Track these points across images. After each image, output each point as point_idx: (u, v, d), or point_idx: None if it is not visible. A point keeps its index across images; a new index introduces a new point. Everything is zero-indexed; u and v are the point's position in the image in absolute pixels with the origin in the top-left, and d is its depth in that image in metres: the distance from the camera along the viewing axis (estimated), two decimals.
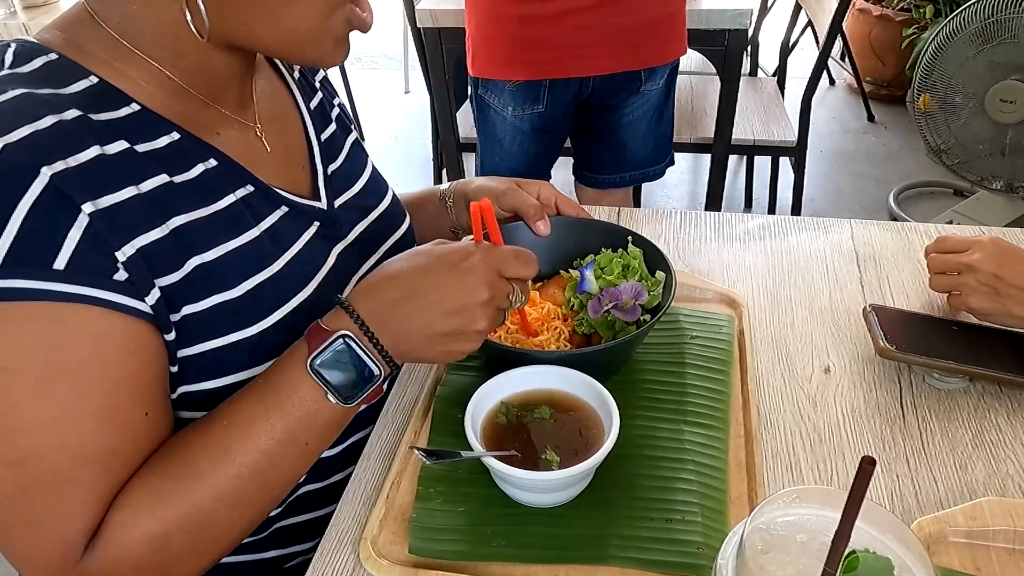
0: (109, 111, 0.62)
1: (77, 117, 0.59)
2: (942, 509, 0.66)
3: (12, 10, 2.20)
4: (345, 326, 0.62)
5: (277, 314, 0.68)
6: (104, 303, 0.57)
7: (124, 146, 0.61)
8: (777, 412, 0.78)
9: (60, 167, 0.56)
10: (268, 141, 0.75)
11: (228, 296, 0.65)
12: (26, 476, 0.56)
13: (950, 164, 2.17)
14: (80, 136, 0.59)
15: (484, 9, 1.58)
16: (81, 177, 0.57)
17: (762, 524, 0.49)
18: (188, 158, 0.66)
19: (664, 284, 0.82)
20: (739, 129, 2.18)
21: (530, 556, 0.64)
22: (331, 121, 0.86)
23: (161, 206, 0.62)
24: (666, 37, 1.64)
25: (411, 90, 3.88)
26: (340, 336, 0.62)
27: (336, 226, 0.78)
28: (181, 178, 0.65)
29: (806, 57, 3.41)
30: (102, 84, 0.63)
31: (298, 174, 0.78)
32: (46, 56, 0.62)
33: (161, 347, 0.62)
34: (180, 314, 0.63)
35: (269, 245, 0.70)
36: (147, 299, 0.60)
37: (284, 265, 0.70)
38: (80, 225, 0.56)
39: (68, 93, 0.61)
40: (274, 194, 0.72)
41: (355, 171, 0.85)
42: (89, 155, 0.59)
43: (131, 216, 0.60)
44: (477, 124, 1.77)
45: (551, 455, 0.66)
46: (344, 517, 0.69)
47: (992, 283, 0.81)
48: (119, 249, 0.58)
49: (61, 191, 0.56)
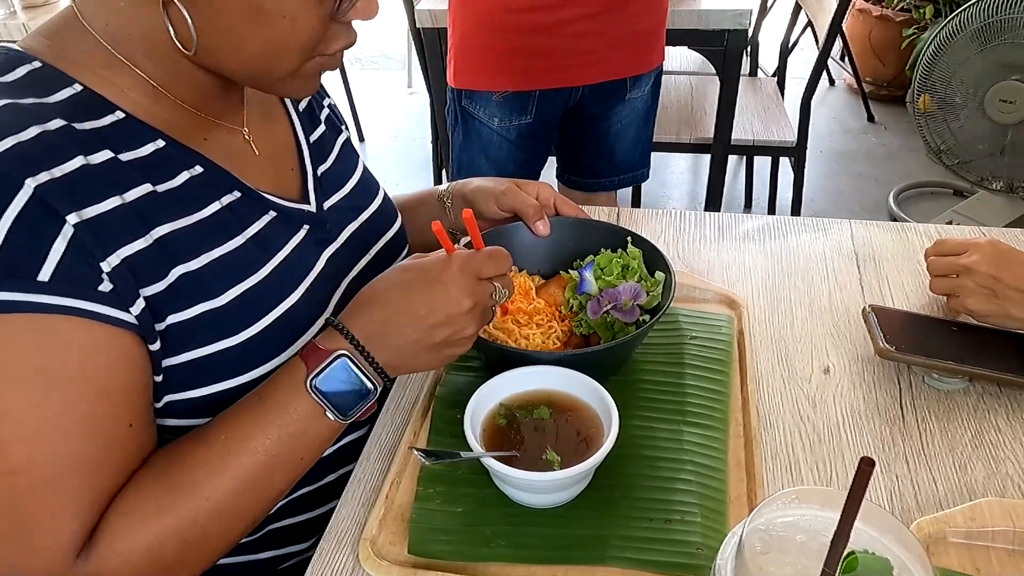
0: (93, 120, 0.62)
1: (61, 127, 0.59)
2: (941, 510, 0.66)
3: (12, 10, 2.20)
4: (341, 346, 0.64)
5: (263, 321, 0.68)
6: (89, 314, 0.57)
7: (108, 155, 0.61)
8: (776, 412, 0.78)
9: (44, 178, 0.56)
10: (257, 145, 0.75)
11: (213, 304, 0.65)
12: (16, 486, 0.56)
13: (950, 164, 2.17)
14: (64, 146, 0.59)
15: (475, 18, 1.55)
16: (65, 188, 0.57)
17: (761, 525, 0.49)
18: (173, 166, 0.66)
19: (663, 284, 0.82)
20: (739, 129, 2.18)
21: (529, 556, 0.64)
22: (320, 122, 0.86)
23: (144, 216, 0.62)
24: (653, 45, 1.65)
25: (415, 89, 3.87)
26: (339, 356, 0.63)
27: (326, 228, 0.78)
28: (165, 187, 0.65)
29: (806, 57, 3.42)
30: (86, 92, 0.63)
31: (287, 177, 0.78)
32: (29, 65, 0.62)
33: (146, 358, 0.62)
34: (165, 323, 0.63)
35: (255, 252, 0.69)
36: (132, 309, 0.60)
37: (270, 272, 0.70)
38: (65, 236, 0.56)
39: (52, 102, 0.61)
40: (261, 199, 0.72)
41: (346, 171, 0.85)
42: (73, 165, 0.58)
43: (115, 226, 0.60)
44: (456, 136, 1.72)
45: (552, 455, 0.66)
46: (343, 517, 0.69)
47: (990, 285, 0.81)
48: (104, 259, 0.58)
49: (45, 202, 0.56)
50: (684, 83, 2.53)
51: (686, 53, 2.77)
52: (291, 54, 0.64)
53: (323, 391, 0.63)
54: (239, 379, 0.67)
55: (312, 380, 0.63)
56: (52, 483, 0.56)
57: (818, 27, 2.28)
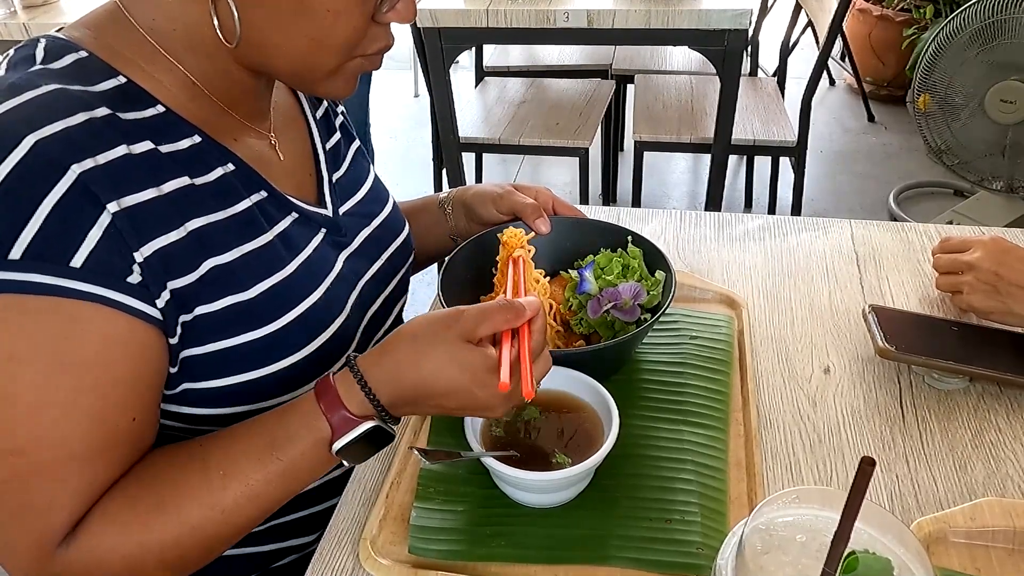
0: (136, 111, 0.63)
1: (107, 115, 0.60)
2: (942, 509, 0.66)
3: (12, 10, 2.20)
4: (370, 414, 0.62)
5: (288, 316, 0.69)
6: (115, 304, 0.58)
7: (149, 146, 0.62)
8: (777, 412, 0.78)
9: (89, 164, 0.57)
10: (281, 151, 0.76)
11: (242, 297, 0.66)
12: (19, 466, 0.56)
13: (950, 164, 2.17)
14: (109, 135, 0.60)
15: None
16: (108, 175, 0.58)
17: (762, 524, 0.49)
18: (208, 161, 0.67)
19: (664, 284, 0.82)
20: (739, 129, 2.18)
21: (529, 556, 0.64)
22: (335, 130, 0.87)
23: (180, 208, 0.63)
24: None
25: (419, 94, 3.85)
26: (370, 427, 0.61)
27: (342, 232, 0.79)
28: (201, 180, 0.66)
29: (806, 57, 3.42)
30: (129, 84, 0.64)
31: (306, 182, 0.79)
32: (76, 53, 0.63)
33: (162, 353, 0.62)
34: (193, 314, 0.63)
35: (281, 250, 0.70)
36: (157, 302, 0.60)
37: (296, 269, 0.71)
38: (102, 224, 0.57)
39: (97, 91, 0.62)
40: (286, 200, 0.73)
41: (358, 179, 0.86)
42: (117, 153, 0.59)
43: (152, 217, 0.60)
44: None
45: (562, 458, 0.66)
46: (343, 517, 0.69)
47: (992, 281, 0.81)
48: (137, 250, 0.59)
49: (89, 189, 0.57)
50: (684, 83, 2.53)
51: (686, 53, 2.77)
52: (333, 51, 0.64)
53: (347, 453, 0.62)
54: (257, 372, 0.68)
55: (340, 447, 0.61)
56: (53, 467, 0.57)
57: (818, 27, 2.28)
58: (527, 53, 2.87)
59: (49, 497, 0.57)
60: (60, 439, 0.57)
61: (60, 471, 0.57)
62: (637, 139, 2.25)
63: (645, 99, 2.43)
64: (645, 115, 2.33)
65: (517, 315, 0.63)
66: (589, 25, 1.90)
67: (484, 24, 1.95)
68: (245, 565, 0.80)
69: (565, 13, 1.89)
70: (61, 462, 0.57)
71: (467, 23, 1.96)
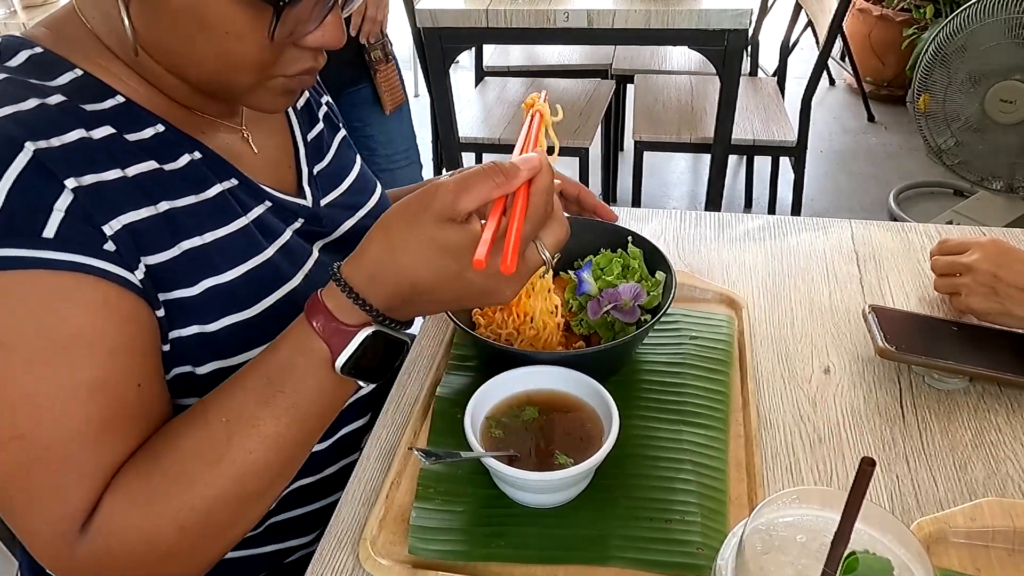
0: (95, 102, 0.62)
1: (62, 102, 0.60)
2: (942, 510, 0.66)
3: (12, 10, 2.20)
4: (366, 321, 0.58)
5: (270, 299, 0.69)
6: (96, 271, 0.56)
7: (110, 131, 0.61)
8: (777, 413, 0.78)
9: (43, 144, 0.56)
10: (255, 143, 0.76)
11: (220, 280, 0.65)
12: (24, 452, 0.55)
13: (950, 164, 2.17)
14: (64, 120, 0.59)
15: None
16: (65, 156, 0.57)
17: (762, 525, 0.49)
18: (173, 149, 0.66)
19: (664, 284, 0.82)
20: (739, 129, 2.19)
21: (529, 556, 0.64)
22: (318, 120, 0.86)
23: (149, 191, 0.62)
24: None
25: (419, 93, 3.85)
26: (369, 333, 0.58)
27: (321, 223, 0.79)
28: (169, 167, 0.65)
29: (806, 57, 3.42)
30: (87, 76, 0.63)
31: (285, 174, 0.78)
32: (30, 50, 0.63)
33: (152, 320, 0.61)
34: (172, 296, 0.63)
35: (257, 235, 0.70)
36: (136, 273, 0.60)
37: (273, 254, 0.70)
38: (65, 199, 0.56)
39: (54, 85, 0.61)
40: (259, 189, 0.72)
41: (342, 170, 0.86)
42: (73, 137, 0.58)
43: (117, 195, 0.59)
44: None
45: (562, 458, 0.66)
46: (343, 517, 0.69)
47: (991, 283, 0.81)
48: (106, 224, 0.58)
49: (45, 166, 0.56)
50: (684, 83, 2.53)
51: (686, 53, 2.77)
52: (244, 71, 0.62)
53: (356, 368, 0.59)
54: (246, 355, 0.67)
55: (343, 362, 0.58)
56: (59, 449, 0.56)
57: (818, 27, 2.28)
58: (527, 53, 2.87)
59: (61, 481, 0.56)
60: (61, 419, 0.55)
61: (68, 453, 0.56)
62: (637, 139, 2.25)
63: (645, 99, 2.43)
64: (645, 115, 2.33)
65: (508, 178, 0.54)
66: (589, 25, 1.90)
67: (484, 24, 1.95)
68: (246, 567, 0.80)
69: (565, 13, 1.89)
70: (67, 443, 0.56)
71: (467, 23, 1.96)
